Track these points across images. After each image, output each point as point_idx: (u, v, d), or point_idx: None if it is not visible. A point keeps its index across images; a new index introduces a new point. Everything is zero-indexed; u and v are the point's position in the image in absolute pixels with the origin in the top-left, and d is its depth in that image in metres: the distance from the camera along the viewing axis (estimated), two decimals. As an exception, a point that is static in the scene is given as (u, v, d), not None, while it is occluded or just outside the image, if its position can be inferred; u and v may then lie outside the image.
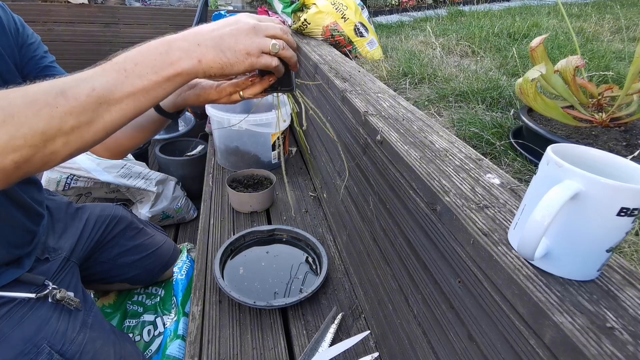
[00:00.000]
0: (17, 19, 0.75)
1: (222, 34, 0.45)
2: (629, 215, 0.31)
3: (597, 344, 0.29)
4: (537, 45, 0.77)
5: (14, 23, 0.74)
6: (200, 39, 0.45)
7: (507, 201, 0.47)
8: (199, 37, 0.45)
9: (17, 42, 0.74)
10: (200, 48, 0.45)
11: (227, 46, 0.45)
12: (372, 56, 1.61)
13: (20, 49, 0.75)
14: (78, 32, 2.82)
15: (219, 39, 0.45)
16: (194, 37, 0.45)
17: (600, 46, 1.57)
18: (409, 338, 0.60)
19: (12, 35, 0.73)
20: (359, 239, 0.82)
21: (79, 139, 0.42)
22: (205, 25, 0.47)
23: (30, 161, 0.40)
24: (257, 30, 0.47)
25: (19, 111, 0.39)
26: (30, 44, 0.76)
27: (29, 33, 0.77)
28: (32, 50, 0.77)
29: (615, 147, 0.73)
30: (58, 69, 0.81)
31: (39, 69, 0.78)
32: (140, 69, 0.44)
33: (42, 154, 0.41)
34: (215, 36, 0.45)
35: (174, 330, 0.99)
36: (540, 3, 3.15)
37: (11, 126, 0.38)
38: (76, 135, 0.42)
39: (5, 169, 0.39)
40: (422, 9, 3.41)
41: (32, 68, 0.77)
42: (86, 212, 1.00)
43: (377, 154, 0.71)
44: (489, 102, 1.10)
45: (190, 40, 0.45)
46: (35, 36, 0.79)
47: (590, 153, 0.37)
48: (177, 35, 0.46)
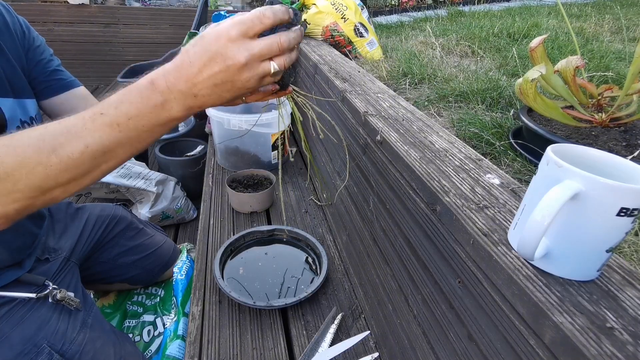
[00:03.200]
0: (22, 21, 0.75)
1: (216, 82, 0.41)
2: (629, 216, 0.31)
3: (597, 344, 0.29)
4: (537, 45, 0.77)
5: (20, 26, 0.74)
6: (196, 90, 0.41)
7: (507, 201, 0.47)
8: (194, 88, 0.41)
9: (23, 45, 0.74)
10: (197, 99, 0.42)
11: (225, 89, 0.42)
12: (372, 56, 1.61)
13: (27, 53, 0.75)
14: (78, 32, 2.82)
15: (214, 87, 0.41)
16: (189, 87, 0.41)
17: (600, 46, 1.57)
18: (408, 338, 0.60)
19: (18, 37, 0.72)
20: (358, 239, 0.82)
21: (77, 186, 0.44)
22: (192, 58, 0.41)
23: (30, 207, 0.42)
24: (250, 65, 0.41)
25: (13, 170, 0.39)
26: (36, 47, 0.76)
27: (34, 36, 0.77)
28: (39, 54, 0.76)
29: (615, 147, 0.73)
30: (65, 73, 0.81)
31: (47, 73, 0.78)
32: (135, 123, 0.41)
33: (41, 201, 0.42)
34: (210, 85, 0.41)
35: (174, 330, 0.99)
36: (540, 3, 3.15)
37: (8, 183, 0.39)
38: (74, 185, 0.43)
39: (7, 215, 0.42)
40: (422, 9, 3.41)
41: (39, 72, 0.77)
42: (86, 212, 1.00)
43: (376, 154, 0.71)
44: (488, 102, 1.10)
45: (185, 92, 0.41)
46: (40, 39, 0.79)
47: (590, 153, 0.37)
48: (169, 80, 0.41)
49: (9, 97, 0.68)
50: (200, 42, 0.41)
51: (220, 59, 0.40)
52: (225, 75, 0.41)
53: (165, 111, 0.42)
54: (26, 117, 0.71)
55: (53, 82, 0.79)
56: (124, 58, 2.90)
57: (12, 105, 0.68)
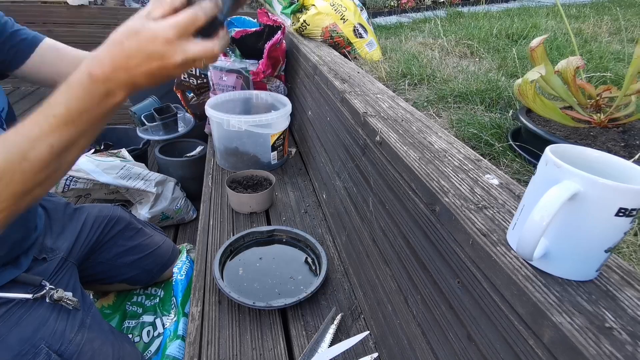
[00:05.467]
0: None
1: (154, 73, 0.44)
2: (628, 216, 0.31)
3: (596, 344, 0.29)
4: (537, 45, 0.77)
5: None
6: (135, 79, 0.44)
7: (506, 202, 0.47)
8: (134, 77, 0.44)
9: None
10: (136, 86, 0.45)
11: (161, 77, 0.45)
12: (371, 57, 1.62)
13: None
14: (78, 33, 2.82)
15: (151, 76, 0.44)
16: (128, 76, 0.44)
17: (598, 47, 1.57)
18: (408, 338, 0.60)
19: None
20: (358, 240, 0.82)
21: (54, 181, 0.48)
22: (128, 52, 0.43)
23: (16, 212, 0.46)
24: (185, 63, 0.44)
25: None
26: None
27: None
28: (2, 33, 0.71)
29: (614, 147, 0.73)
30: (24, 30, 0.74)
31: (6, 39, 0.72)
32: (88, 116, 0.45)
33: (25, 202, 0.46)
34: (148, 75, 0.44)
35: (174, 330, 0.99)
36: (539, 4, 3.16)
37: None
38: (50, 181, 0.47)
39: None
40: (421, 10, 3.42)
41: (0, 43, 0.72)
42: (84, 212, 1.00)
43: (376, 155, 0.71)
44: (487, 103, 1.10)
45: (126, 80, 0.44)
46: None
47: (589, 153, 0.37)
48: (106, 72, 0.43)
49: None
50: (135, 38, 0.42)
51: (157, 57, 0.43)
52: (162, 70, 0.44)
53: (111, 99, 0.45)
54: None
55: (16, 47, 0.73)
56: (124, 59, 2.90)
57: None
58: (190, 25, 0.43)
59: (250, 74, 1.46)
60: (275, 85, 1.54)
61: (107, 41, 0.44)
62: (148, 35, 0.42)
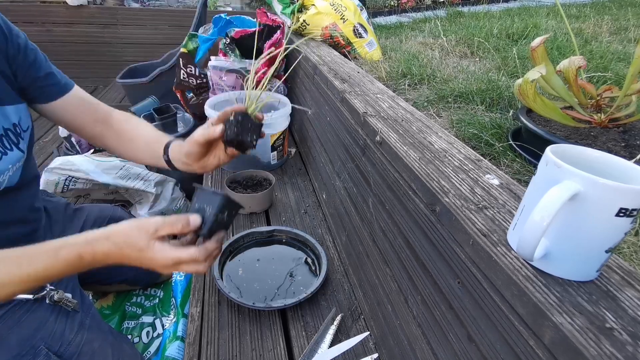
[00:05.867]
0: (3, 24, 0.69)
1: (141, 264, 0.55)
2: (628, 216, 0.31)
3: (597, 345, 0.29)
4: (538, 45, 0.77)
5: (1, 31, 0.68)
6: (125, 262, 0.55)
7: (506, 202, 0.47)
8: (118, 262, 0.55)
9: (6, 51, 0.69)
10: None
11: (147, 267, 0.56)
12: (371, 57, 1.61)
13: (11, 58, 0.70)
14: (77, 33, 2.82)
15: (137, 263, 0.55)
16: (113, 262, 0.55)
17: (599, 47, 1.57)
18: (408, 339, 0.60)
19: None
20: (358, 240, 0.82)
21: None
22: (123, 252, 0.54)
23: None
24: (168, 266, 0.56)
25: None
26: (23, 52, 0.72)
27: (20, 41, 0.71)
28: (26, 59, 0.72)
29: (614, 147, 0.73)
30: (56, 76, 0.77)
31: (37, 78, 0.74)
32: (58, 277, 0.55)
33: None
34: (134, 263, 0.55)
35: (173, 331, 0.99)
36: (539, 4, 3.16)
37: None
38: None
39: None
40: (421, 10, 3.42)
41: (28, 78, 0.73)
42: (84, 213, 1.00)
43: (376, 155, 0.71)
44: (488, 103, 1.10)
45: (110, 263, 0.55)
46: (29, 43, 0.73)
47: (589, 154, 0.37)
48: (96, 259, 0.54)
49: None
50: (136, 252, 0.54)
51: (148, 266, 0.55)
52: (148, 265, 0.55)
53: (86, 268, 0.55)
54: (8, 124, 0.69)
55: (46, 89, 0.76)
56: (123, 59, 2.89)
57: None
58: (189, 260, 0.55)
59: (249, 74, 1.46)
60: (274, 85, 1.54)
61: (107, 235, 0.54)
62: (149, 256, 0.54)
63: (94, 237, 0.54)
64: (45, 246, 0.53)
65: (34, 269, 0.52)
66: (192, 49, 1.67)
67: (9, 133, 0.69)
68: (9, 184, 0.70)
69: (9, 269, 0.51)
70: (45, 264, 0.52)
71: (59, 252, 0.52)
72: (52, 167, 1.35)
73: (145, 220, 0.55)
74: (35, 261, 0.52)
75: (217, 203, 0.57)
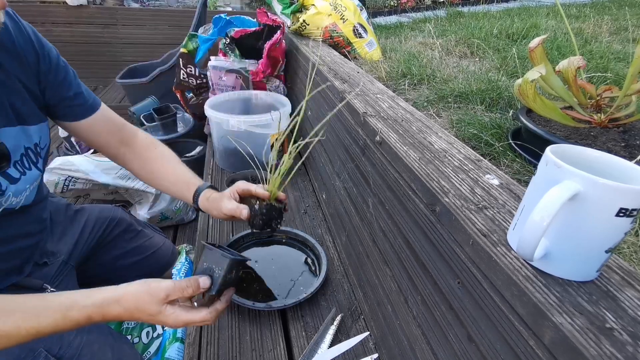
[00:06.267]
0: (37, 43, 0.68)
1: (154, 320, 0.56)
2: (628, 216, 0.31)
3: (597, 345, 0.29)
4: (537, 45, 0.77)
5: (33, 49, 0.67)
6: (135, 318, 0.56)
7: (506, 202, 0.47)
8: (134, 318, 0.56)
9: (37, 69, 0.69)
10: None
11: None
12: (371, 57, 1.61)
13: (40, 76, 0.70)
14: (77, 33, 2.82)
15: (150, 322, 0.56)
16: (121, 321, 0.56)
17: (599, 47, 1.57)
18: (408, 339, 0.60)
19: (28, 62, 0.67)
20: (358, 240, 0.82)
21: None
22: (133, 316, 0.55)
23: None
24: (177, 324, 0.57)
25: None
26: (54, 70, 0.71)
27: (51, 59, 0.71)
28: (55, 78, 0.72)
29: (614, 147, 0.73)
30: (84, 96, 0.77)
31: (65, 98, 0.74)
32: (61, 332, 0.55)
33: None
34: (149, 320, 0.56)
35: (173, 333, 0.99)
36: (539, 4, 3.16)
37: None
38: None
39: None
40: (421, 10, 3.42)
41: (56, 97, 0.73)
42: (85, 214, 1.00)
43: (376, 155, 0.71)
44: (488, 103, 1.10)
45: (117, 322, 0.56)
46: (60, 61, 0.73)
47: (589, 154, 0.37)
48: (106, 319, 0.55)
49: (13, 125, 0.65)
50: (146, 316, 0.55)
51: (158, 322, 0.56)
52: (158, 324, 0.56)
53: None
54: (30, 143, 0.69)
55: (73, 109, 0.76)
56: (123, 59, 2.90)
57: (16, 133, 0.65)
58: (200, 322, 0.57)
59: (249, 74, 1.46)
60: (274, 85, 1.54)
61: (118, 299, 0.54)
62: (160, 319, 0.55)
63: (105, 300, 0.54)
64: (54, 303, 0.53)
65: (43, 326, 0.52)
66: (192, 49, 1.68)
67: (29, 152, 0.69)
68: (26, 202, 0.71)
69: (17, 323, 0.51)
70: (55, 323, 0.52)
71: (68, 313, 0.53)
72: (52, 167, 1.35)
73: (156, 285, 0.55)
74: (44, 318, 0.52)
75: (226, 265, 0.58)
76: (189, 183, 0.82)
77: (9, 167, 0.64)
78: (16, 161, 0.66)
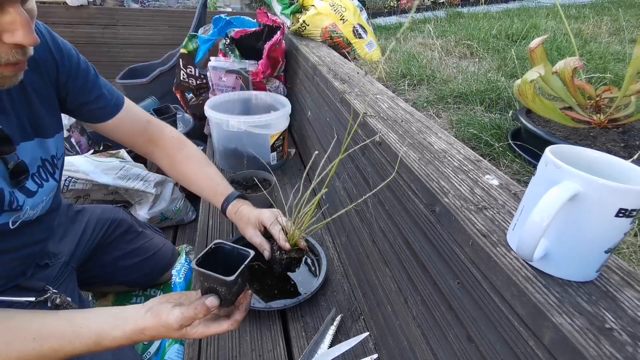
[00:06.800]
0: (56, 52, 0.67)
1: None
2: (628, 216, 0.31)
3: (596, 345, 0.29)
4: (536, 46, 0.77)
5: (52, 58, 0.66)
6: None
7: (505, 202, 0.47)
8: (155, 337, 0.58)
9: (57, 79, 0.68)
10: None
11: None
12: (371, 58, 1.62)
13: (61, 84, 0.69)
14: (77, 33, 2.82)
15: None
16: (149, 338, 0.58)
17: (598, 48, 1.57)
18: (408, 339, 0.60)
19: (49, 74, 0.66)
20: (357, 241, 0.82)
21: None
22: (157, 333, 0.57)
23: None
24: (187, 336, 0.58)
25: None
26: (74, 76, 0.70)
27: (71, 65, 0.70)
28: (76, 83, 0.71)
29: (614, 148, 0.73)
30: (106, 98, 0.76)
31: (87, 103, 0.73)
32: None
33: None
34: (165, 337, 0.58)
35: (173, 332, 0.99)
36: (539, 5, 3.16)
37: None
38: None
39: None
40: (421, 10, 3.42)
41: (78, 102, 0.73)
42: (86, 215, 1.00)
43: (375, 155, 0.71)
44: (487, 103, 1.10)
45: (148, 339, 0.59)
46: (81, 64, 0.72)
47: (589, 154, 0.37)
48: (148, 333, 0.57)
49: (30, 139, 0.64)
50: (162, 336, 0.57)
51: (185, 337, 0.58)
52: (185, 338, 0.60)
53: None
54: (47, 155, 0.68)
55: (96, 112, 0.75)
56: (123, 59, 2.90)
57: (33, 146, 0.65)
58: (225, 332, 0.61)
59: (249, 74, 1.46)
60: (274, 86, 1.54)
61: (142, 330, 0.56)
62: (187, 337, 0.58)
63: (133, 333, 0.56)
64: (85, 331, 0.55)
65: (77, 351, 0.55)
66: (192, 50, 1.68)
67: (46, 164, 0.69)
68: (41, 213, 0.71)
69: (53, 347, 0.54)
70: (87, 349, 0.55)
71: (101, 342, 0.55)
72: (52, 168, 1.35)
73: (166, 318, 0.55)
74: (78, 345, 0.55)
75: (226, 286, 0.56)
76: (217, 192, 0.85)
77: (27, 180, 0.64)
78: (33, 174, 0.65)
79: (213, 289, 0.57)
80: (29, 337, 0.53)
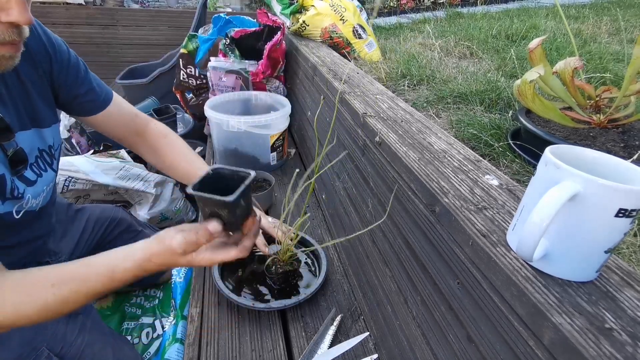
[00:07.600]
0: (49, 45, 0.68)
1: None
2: (627, 216, 0.31)
3: (596, 345, 0.29)
4: (536, 46, 0.77)
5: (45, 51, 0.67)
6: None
7: (505, 202, 0.47)
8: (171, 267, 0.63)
9: (50, 71, 0.69)
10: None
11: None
12: (371, 58, 1.62)
13: (53, 77, 0.70)
14: (77, 33, 2.82)
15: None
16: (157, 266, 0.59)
17: (598, 48, 1.57)
18: (408, 339, 0.60)
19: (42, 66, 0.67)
20: (357, 241, 0.82)
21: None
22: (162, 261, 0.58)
23: None
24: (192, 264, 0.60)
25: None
26: (65, 69, 0.71)
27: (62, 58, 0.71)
28: (67, 77, 0.72)
29: (613, 148, 0.73)
30: (96, 92, 0.77)
31: (78, 95, 0.75)
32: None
33: None
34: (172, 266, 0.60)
35: (172, 334, 0.99)
36: (538, 5, 3.16)
37: None
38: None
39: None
40: (421, 10, 3.42)
41: (69, 95, 0.74)
42: (86, 213, 1.00)
43: (375, 156, 0.71)
44: (487, 103, 1.10)
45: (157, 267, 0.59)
46: (71, 58, 0.73)
47: (588, 154, 0.37)
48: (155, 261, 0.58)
49: (27, 129, 0.66)
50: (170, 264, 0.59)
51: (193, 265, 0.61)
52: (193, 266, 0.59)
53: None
54: (44, 145, 0.69)
55: (86, 105, 0.77)
56: (123, 59, 2.90)
57: (31, 136, 0.66)
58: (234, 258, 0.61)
59: (249, 74, 1.46)
60: (274, 86, 1.54)
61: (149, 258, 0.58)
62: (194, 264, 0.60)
63: (143, 259, 0.58)
64: (99, 267, 0.58)
65: (95, 288, 0.57)
66: (192, 50, 1.68)
67: (44, 154, 0.70)
68: (43, 203, 0.72)
69: (73, 290, 0.56)
70: (103, 286, 0.57)
71: (114, 276, 0.57)
72: (52, 168, 1.35)
73: (169, 243, 0.56)
74: (93, 283, 0.57)
75: (228, 209, 0.54)
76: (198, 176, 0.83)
77: (26, 169, 0.65)
78: (31, 163, 0.67)
79: (215, 214, 0.55)
80: (48, 284, 0.54)
